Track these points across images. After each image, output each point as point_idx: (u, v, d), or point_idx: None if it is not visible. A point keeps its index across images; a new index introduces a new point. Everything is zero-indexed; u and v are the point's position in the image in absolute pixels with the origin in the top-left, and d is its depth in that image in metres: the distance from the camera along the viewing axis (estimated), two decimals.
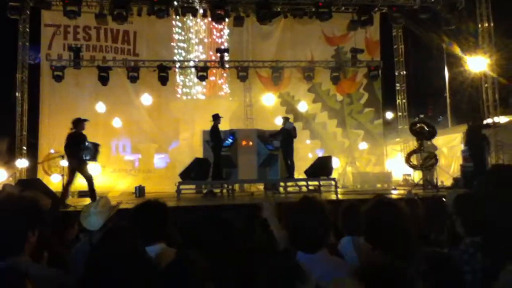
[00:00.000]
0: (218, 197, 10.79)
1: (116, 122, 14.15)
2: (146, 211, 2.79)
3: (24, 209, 2.01)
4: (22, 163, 13.22)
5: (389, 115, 17.64)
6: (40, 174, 13.42)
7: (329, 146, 15.29)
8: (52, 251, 2.71)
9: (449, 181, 12.25)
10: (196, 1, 13.53)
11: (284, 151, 11.64)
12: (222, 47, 14.80)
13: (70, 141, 8.67)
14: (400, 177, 14.55)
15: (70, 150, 8.72)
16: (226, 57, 14.52)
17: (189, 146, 14.44)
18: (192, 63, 14.89)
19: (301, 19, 14.39)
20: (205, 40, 15.49)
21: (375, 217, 2.56)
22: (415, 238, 2.62)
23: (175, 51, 15.16)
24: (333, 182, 11.06)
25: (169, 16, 13.68)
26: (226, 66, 14.74)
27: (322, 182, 11.41)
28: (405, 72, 16.05)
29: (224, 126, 11.97)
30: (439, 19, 13.73)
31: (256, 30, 15.18)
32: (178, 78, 15.22)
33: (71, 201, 9.07)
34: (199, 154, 12.17)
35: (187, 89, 15.32)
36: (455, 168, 12.92)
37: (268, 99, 15.20)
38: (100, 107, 14.04)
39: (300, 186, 11.78)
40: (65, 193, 8.60)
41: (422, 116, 13.34)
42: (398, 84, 16.06)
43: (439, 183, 12.13)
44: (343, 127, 15.80)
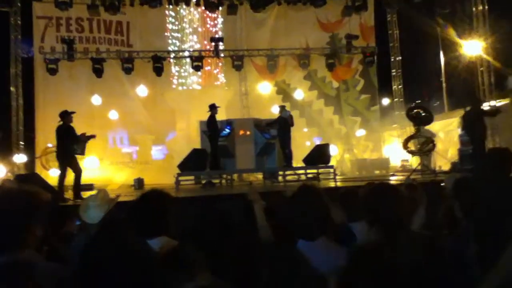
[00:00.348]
0: (217, 187, 10.81)
1: (112, 114, 14.10)
2: (149, 202, 2.74)
3: (26, 203, 2.01)
4: (19, 158, 13.19)
5: (386, 101, 17.63)
6: (38, 168, 13.38)
7: (326, 134, 15.29)
8: (50, 245, 2.71)
9: (446, 166, 12.29)
10: None
11: (282, 140, 11.64)
12: (216, 36, 14.70)
13: (58, 134, 8.70)
14: (398, 163, 14.60)
15: (58, 143, 8.73)
16: (221, 46, 14.42)
17: (186, 137, 14.42)
18: (186, 53, 14.80)
19: (294, 5, 14.33)
20: (199, 29, 15.39)
21: (373, 196, 2.56)
22: (408, 218, 2.64)
23: (169, 41, 15.06)
24: (331, 170, 11.10)
25: (162, 6, 13.62)
26: (221, 55, 14.67)
27: (320, 170, 11.44)
28: (400, 57, 16.01)
29: (221, 116, 11.94)
30: (433, 3, 13.67)
31: (250, 18, 15.06)
32: (173, 69, 15.15)
33: (69, 194, 9.06)
34: (197, 145, 12.16)
35: (182, 80, 15.26)
36: (452, 153, 12.95)
37: (264, 87, 15.15)
38: (96, 100, 13.98)
39: (299, 175, 11.80)
40: (61, 188, 8.60)
41: (418, 101, 13.35)
42: (393, 70, 16.02)
43: (436, 168, 12.17)
44: (339, 114, 15.79)
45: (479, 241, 2.45)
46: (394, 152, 15.41)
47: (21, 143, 13.64)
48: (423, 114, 11.55)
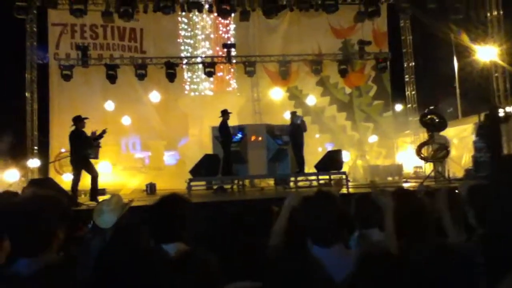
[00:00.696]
0: (228, 193, 10.81)
1: (125, 120, 14.21)
2: (167, 206, 2.68)
3: (52, 207, 2.06)
4: (33, 162, 13.35)
5: (399, 107, 17.50)
6: (51, 173, 13.51)
7: (338, 140, 15.21)
8: (65, 250, 2.72)
9: (460, 173, 12.14)
10: None
11: (294, 145, 11.60)
12: (229, 42, 14.77)
13: (71, 140, 8.83)
14: (411, 169, 14.46)
15: (71, 148, 8.85)
16: (233, 52, 14.49)
17: (198, 143, 14.46)
18: (199, 59, 14.88)
19: (307, 12, 14.30)
20: (212, 35, 15.47)
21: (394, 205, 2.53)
22: (431, 226, 2.60)
23: (182, 47, 15.16)
24: (343, 176, 11.03)
25: (174, 13, 13.71)
26: (233, 61, 14.70)
27: (332, 176, 11.38)
28: (413, 63, 15.91)
29: (233, 122, 11.95)
30: (447, 8, 13.56)
31: (262, 24, 15.09)
32: (186, 75, 15.23)
33: (82, 199, 9.13)
34: (209, 150, 12.18)
35: (194, 85, 15.32)
36: (466, 159, 12.79)
37: (276, 93, 15.15)
38: (109, 105, 14.11)
39: (311, 181, 11.75)
40: (74, 192, 8.67)
41: (432, 107, 13.21)
42: (407, 76, 15.92)
43: (450, 174, 12.03)
44: (352, 120, 15.71)
45: (491, 249, 2.40)
46: (407, 158, 15.28)
47: (35, 147, 13.81)
48: (436, 120, 11.43)
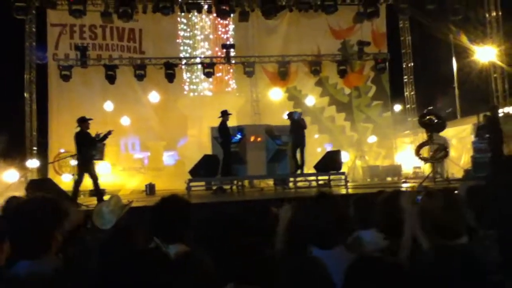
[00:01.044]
0: (228, 193, 10.80)
1: (125, 120, 14.20)
2: (169, 207, 2.68)
3: (51, 209, 2.07)
4: (32, 163, 13.33)
5: (398, 107, 17.50)
6: (51, 174, 13.50)
7: (337, 140, 15.21)
8: (64, 252, 2.72)
9: (459, 173, 12.14)
10: None
11: (294, 144, 11.51)
12: (228, 42, 14.77)
13: (76, 141, 8.82)
14: (410, 170, 14.46)
15: (77, 150, 8.84)
16: (232, 52, 14.49)
17: (198, 143, 14.45)
18: (198, 60, 14.89)
19: (306, 12, 14.31)
20: (211, 36, 15.47)
21: (391, 206, 2.53)
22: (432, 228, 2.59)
23: (181, 48, 15.16)
24: (342, 177, 11.03)
25: (174, 13, 13.71)
26: (232, 61, 14.70)
27: (331, 177, 11.38)
28: (412, 64, 15.92)
29: (232, 122, 11.95)
30: (446, 9, 13.57)
31: (262, 24, 15.09)
32: (185, 75, 15.23)
33: (81, 200, 9.12)
34: (208, 151, 12.18)
35: (194, 86, 15.33)
36: (465, 160, 12.80)
37: (275, 94, 15.16)
38: (108, 106, 14.11)
39: (310, 181, 11.75)
40: (75, 193, 8.67)
41: (430, 107, 13.21)
42: (405, 76, 15.95)
43: (449, 175, 12.03)
44: (351, 121, 15.72)
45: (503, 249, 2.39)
46: (406, 159, 15.28)
47: (34, 148, 13.80)
48: (435, 121, 11.41)
